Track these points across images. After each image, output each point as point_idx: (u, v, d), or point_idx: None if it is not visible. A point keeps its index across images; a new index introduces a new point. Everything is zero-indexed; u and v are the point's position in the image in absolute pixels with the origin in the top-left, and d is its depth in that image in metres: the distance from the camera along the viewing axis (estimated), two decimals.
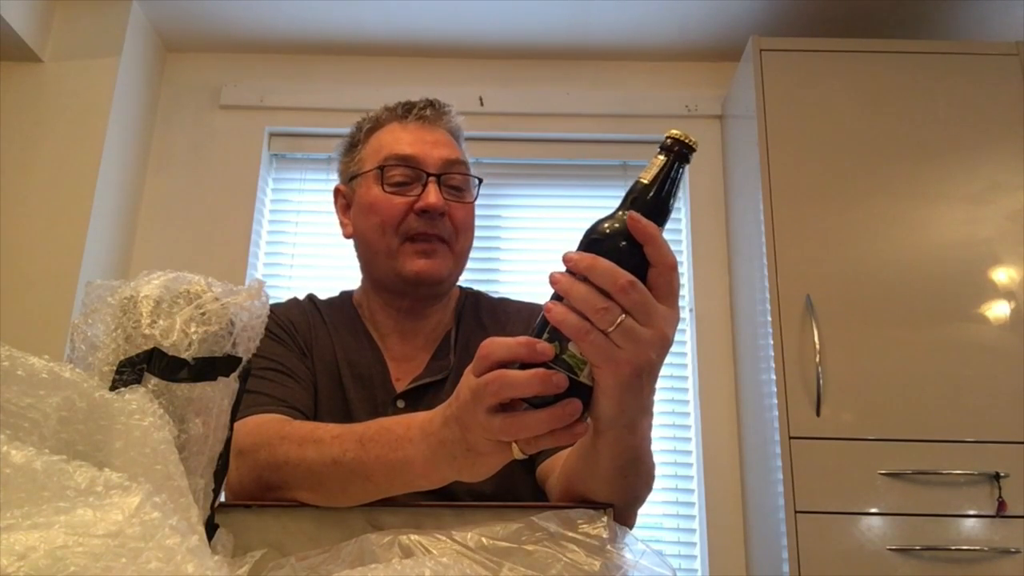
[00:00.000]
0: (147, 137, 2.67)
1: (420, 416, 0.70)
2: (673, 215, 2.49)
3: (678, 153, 0.62)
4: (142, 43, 2.61)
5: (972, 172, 2.12)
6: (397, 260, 1.05)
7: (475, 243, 2.93)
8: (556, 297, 0.60)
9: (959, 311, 2.01)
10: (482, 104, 2.68)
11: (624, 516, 0.74)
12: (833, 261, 2.07)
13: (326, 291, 1.19)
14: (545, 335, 0.59)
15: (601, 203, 2.64)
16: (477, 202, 1.13)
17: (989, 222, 2.08)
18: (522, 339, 0.60)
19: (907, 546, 1.83)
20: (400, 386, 1.06)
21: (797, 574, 1.83)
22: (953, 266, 2.05)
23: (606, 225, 0.61)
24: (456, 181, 1.08)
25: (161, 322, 0.56)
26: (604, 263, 0.58)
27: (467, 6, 2.53)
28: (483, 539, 0.61)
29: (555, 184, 2.76)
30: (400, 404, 1.04)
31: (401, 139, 1.07)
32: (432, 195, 1.03)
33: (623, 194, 0.63)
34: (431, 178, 1.04)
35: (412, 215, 1.04)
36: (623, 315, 0.57)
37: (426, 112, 1.10)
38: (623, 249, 0.59)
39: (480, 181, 1.12)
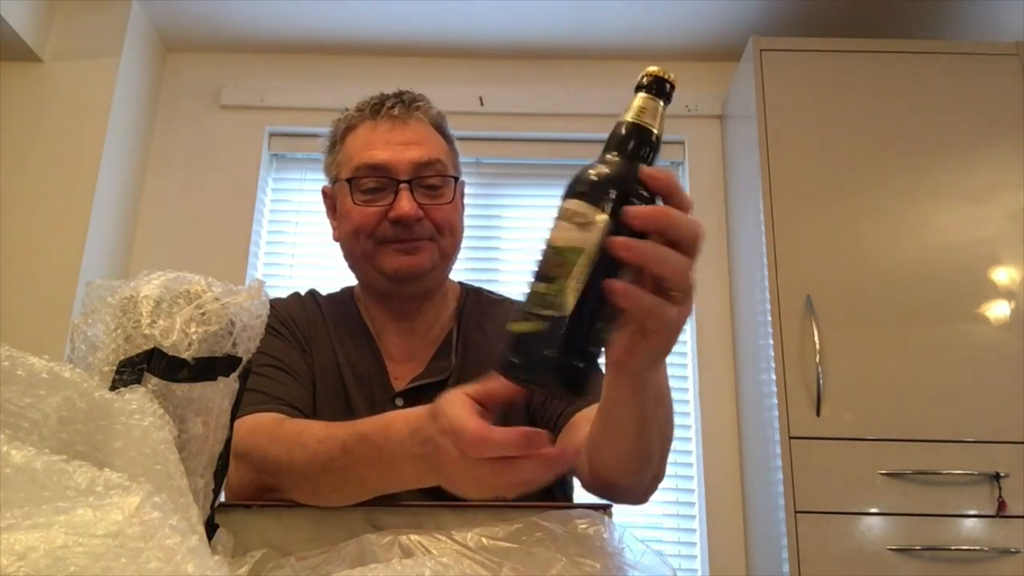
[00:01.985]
0: (147, 137, 2.67)
1: (398, 426, 0.69)
2: None
3: (660, 91, 0.59)
4: (142, 43, 2.61)
5: (972, 172, 2.12)
6: (375, 260, 1.03)
7: (475, 243, 2.91)
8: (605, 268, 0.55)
9: (959, 311, 2.01)
10: (482, 104, 2.68)
11: (661, 462, 0.79)
12: (833, 261, 2.07)
13: (327, 291, 1.19)
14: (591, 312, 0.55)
15: None
16: (478, 202, 1.12)
17: (989, 222, 2.08)
18: (520, 437, 0.57)
19: (907, 546, 1.83)
20: (399, 384, 1.05)
21: (797, 574, 1.83)
22: (953, 266, 2.05)
23: (607, 171, 0.57)
24: (431, 182, 1.04)
25: (161, 322, 0.56)
26: (677, 213, 0.57)
27: (467, 6, 2.53)
28: (483, 539, 0.61)
29: (555, 184, 2.75)
30: (399, 403, 1.03)
31: (372, 143, 1.04)
32: (404, 204, 1.00)
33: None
34: (402, 185, 1.01)
35: (386, 222, 1.02)
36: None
37: (395, 111, 1.05)
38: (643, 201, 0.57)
39: (456, 179, 1.08)
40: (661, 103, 0.59)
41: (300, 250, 2.65)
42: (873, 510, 1.86)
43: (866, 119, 2.18)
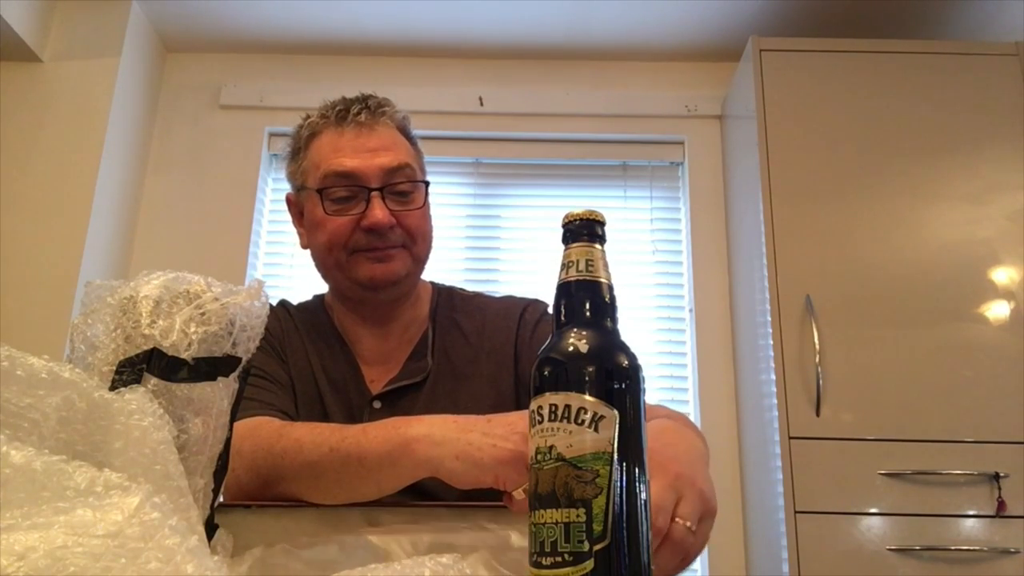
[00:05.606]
0: (147, 137, 2.67)
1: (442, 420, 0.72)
2: (672, 216, 2.48)
3: (593, 234, 0.53)
4: (142, 43, 2.61)
5: (972, 172, 2.12)
6: (349, 270, 1.03)
7: (475, 243, 2.91)
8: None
9: (959, 311, 2.01)
10: (482, 104, 2.68)
11: None
12: (833, 261, 2.07)
13: (297, 301, 1.18)
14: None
15: (601, 203, 2.64)
16: (478, 203, 1.12)
17: (989, 222, 2.08)
18: None
19: (907, 546, 1.83)
20: (375, 387, 1.05)
21: (797, 574, 1.83)
22: (953, 266, 2.05)
23: (587, 350, 0.50)
24: (402, 188, 1.03)
25: (161, 322, 0.56)
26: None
27: (467, 6, 2.53)
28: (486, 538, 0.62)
29: (555, 184, 2.76)
30: (377, 405, 1.03)
31: (340, 150, 1.02)
32: (377, 212, 0.99)
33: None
34: (374, 193, 1.00)
35: (359, 231, 1.01)
36: None
37: (361, 117, 1.03)
38: None
39: (427, 184, 1.07)
40: (598, 247, 0.53)
41: (300, 250, 2.65)
42: (873, 510, 1.86)
43: (866, 119, 2.18)
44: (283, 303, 1.15)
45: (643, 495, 0.49)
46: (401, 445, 0.70)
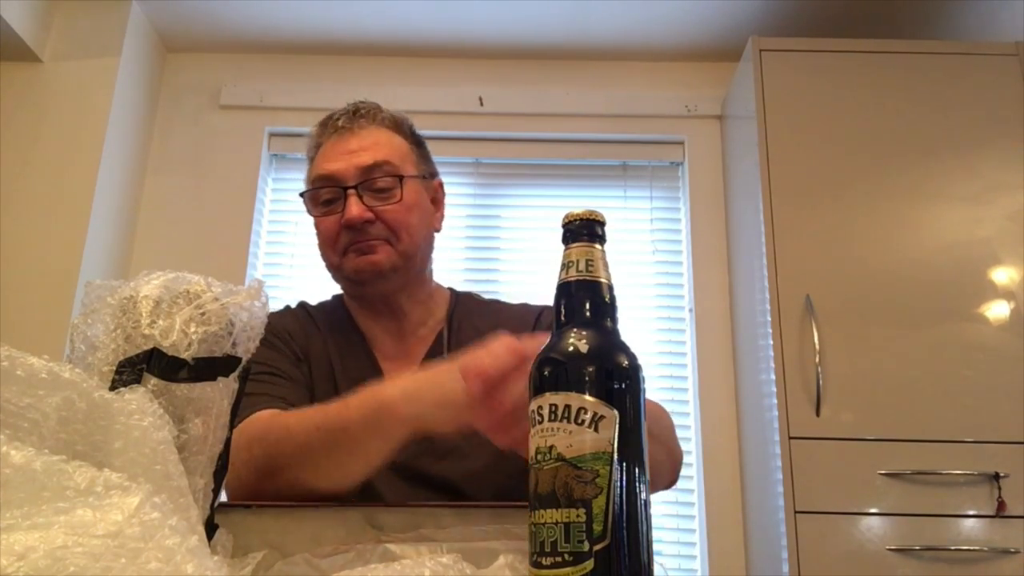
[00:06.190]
0: (147, 137, 2.67)
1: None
2: (672, 216, 2.48)
3: (593, 234, 0.54)
4: (142, 43, 2.61)
5: (972, 172, 2.12)
6: (341, 268, 1.09)
7: (475, 243, 2.90)
8: None
9: (959, 311, 2.01)
10: (482, 104, 2.68)
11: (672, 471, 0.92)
12: (833, 261, 2.07)
13: (326, 292, 1.20)
14: None
15: (601, 203, 2.63)
16: (478, 203, 1.14)
17: (989, 222, 2.08)
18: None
19: (907, 546, 1.83)
20: None
21: (797, 574, 1.83)
22: (953, 266, 2.05)
23: (588, 351, 0.50)
24: (380, 184, 1.07)
25: (161, 322, 0.56)
26: None
27: (467, 6, 2.53)
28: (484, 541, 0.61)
29: (555, 184, 2.76)
30: None
31: (326, 156, 1.09)
32: (352, 208, 1.04)
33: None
34: (350, 191, 1.05)
35: (343, 230, 1.06)
36: None
37: (340, 122, 1.10)
38: None
39: (402, 178, 1.08)
40: (598, 247, 0.54)
41: (300, 250, 2.65)
42: (873, 510, 1.86)
43: (866, 119, 2.18)
44: (303, 304, 1.18)
45: (643, 495, 0.49)
46: (380, 407, 0.73)
